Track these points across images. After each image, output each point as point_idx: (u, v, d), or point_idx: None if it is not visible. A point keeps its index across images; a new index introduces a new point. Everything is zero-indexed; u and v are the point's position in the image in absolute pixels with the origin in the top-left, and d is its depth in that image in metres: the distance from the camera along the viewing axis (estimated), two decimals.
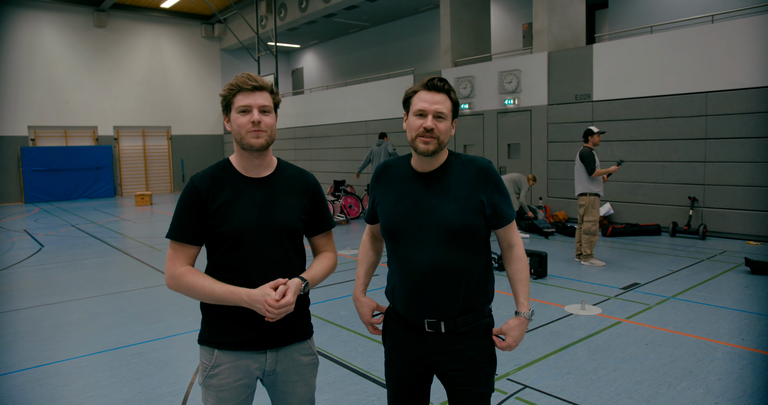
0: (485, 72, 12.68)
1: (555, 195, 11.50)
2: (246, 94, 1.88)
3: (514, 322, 1.98)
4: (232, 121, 1.92)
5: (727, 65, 8.91)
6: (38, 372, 4.07)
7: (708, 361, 4.00)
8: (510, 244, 2.03)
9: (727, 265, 7.16)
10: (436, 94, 1.90)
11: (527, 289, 2.01)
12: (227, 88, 1.92)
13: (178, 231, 1.91)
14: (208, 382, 1.93)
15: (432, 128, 1.88)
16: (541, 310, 5.38)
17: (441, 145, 1.90)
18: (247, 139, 1.89)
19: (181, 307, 5.64)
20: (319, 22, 19.28)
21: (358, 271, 2.21)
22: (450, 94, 1.92)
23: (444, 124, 1.90)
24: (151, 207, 16.72)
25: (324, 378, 3.79)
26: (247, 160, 1.96)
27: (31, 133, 19.02)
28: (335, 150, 17.88)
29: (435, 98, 1.89)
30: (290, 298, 1.84)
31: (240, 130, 1.89)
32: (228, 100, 1.92)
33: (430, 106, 1.89)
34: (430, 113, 1.88)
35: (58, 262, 8.29)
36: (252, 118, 1.87)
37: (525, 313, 1.98)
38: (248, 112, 1.89)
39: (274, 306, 1.79)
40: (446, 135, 1.91)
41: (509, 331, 1.98)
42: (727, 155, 9.01)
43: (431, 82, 1.90)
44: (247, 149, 1.91)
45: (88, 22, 20.02)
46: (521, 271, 2.01)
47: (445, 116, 1.89)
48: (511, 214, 1.99)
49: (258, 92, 1.90)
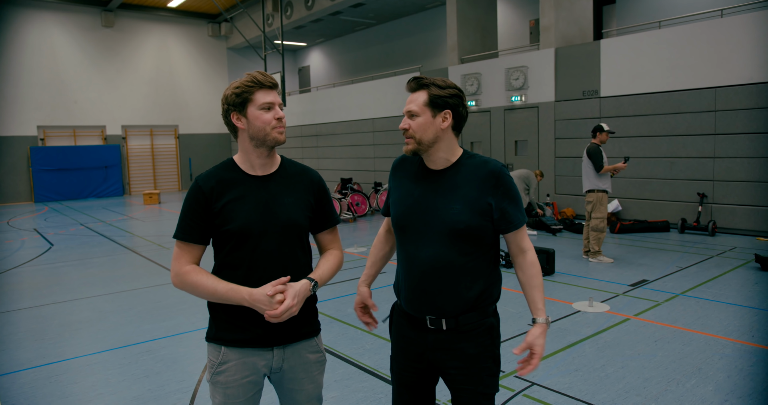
0: (492, 69, 12.63)
1: (562, 192, 11.45)
2: (267, 91, 1.92)
3: (536, 331, 1.90)
4: (252, 117, 1.90)
5: (736, 60, 8.83)
6: (48, 370, 4.10)
7: (717, 359, 3.98)
8: (521, 250, 1.97)
9: (736, 261, 7.10)
10: (412, 93, 1.94)
11: (542, 294, 1.95)
12: (245, 83, 1.90)
13: (184, 231, 1.92)
14: (216, 379, 1.94)
15: (406, 128, 1.92)
16: (549, 307, 5.36)
17: (421, 143, 1.90)
18: (272, 135, 1.92)
19: (189, 304, 5.67)
20: (325, 20, 19.28)
21: (368, 262, 2.25)
22: (429, 89, 1.90)
23: (417, 121, 1.90)
24: (159, 205, 16.81)
25: (331, 375, 3.80)
26: (256, 157, 1.96)
27: (40, 132, 19.17)
28: (342, 148, 17.88)
29: (411, 98, 1.93)
30: (290, 301, 1.84)
31: (265, 126, 1.91)
32: (244, 96, 1.90)
33: (406, 106, 1.94)
34: (405, 113, 1.93)
35: (67, 261, 8.35)
36: (277, 115, 1.92)
37: (542, 320, 1.92)
38: (272, 109, 1.92)
39: (275, 315, 1.81)
40: (423, 132, 1.89)
41: (534, 341, 1.88)
42: (736, 151, 8.93)
43: (407, 84, 1.95)
44: (269, 145, 1.94)
45: (96, 22, 20.12)
46: (535, 277, 1.95)
47: (417, 112, 1.90)
48: (521, 219, 1.94)
49: (275, 90, 1.95)
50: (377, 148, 16.34)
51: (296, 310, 1.87)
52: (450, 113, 1.91)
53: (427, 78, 1.92)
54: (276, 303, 1.82)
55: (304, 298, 1.90)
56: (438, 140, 1.91)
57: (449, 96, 1.90)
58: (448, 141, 1.93)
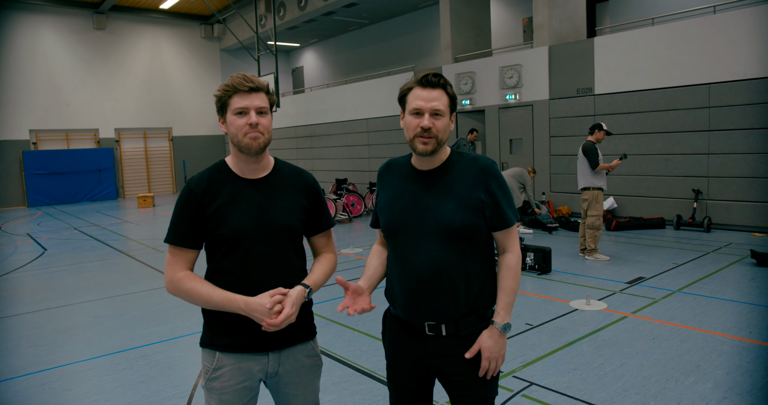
0: (486, 67, 12.62)
1: (558, 190, 11.45)
2: (242, 95, 1.83)
3: (485, 335, 1.85)
4: (228, 123, 1.87)
5: (729, 56, 8.85)
6: (42, 376, 4.05)
7: (716, 355, 3.97)
8: (505, 250, 1.92)
9: (732, 257, 7.11)
10: (431, 90, 1.82)
11: (510, 298, 1.86)
12: (222, 88, 1.86)
13: (176, 235, 1.89)
14: (210, 385, 1.91)
15: (429, 127, 1.80)
16: (545, 306, 5.35)
17: (440, 143, 1.84)
18: (244, 142, 1.85)
19: (184, 309, 5.62)
20: (318, 21, 19.22)
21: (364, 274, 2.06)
22: (447, 89, 1.84)
23: (441, 122, 1.83)
24: (154, 209, 16.73)
25: (328, 378, 3.77)
26: (244, 161, 1.93)
27: (32, 136, 19.05)
28: (337, 148, 17.84)
29: (431, 95, 1.81)
30: (288, 310, 1.81)
31: (237, 132, 1.85)
32: (223, 101, 1.87)
33: (426, 103, 1.80)
34: (426, 111, 1.80)
35: (61, 266, 8.29)
36: (249, 121, 1.83)
37: (498, 323, 1.84)
38: (245, 114, 1.84)
39: (274, 324, 1.78)
40: (445, 132, 1.84)
41: (483, 344, 1.83)
42: (730, 147, 8.95)
43: (426, 78, 1.82)
44: (245, 152, 1.88)
45: (88, 24, 20.00)
46: (506, 279, 1.88)
47: (442, 113, 1.82)
48: (512, 218, 1.89)
49: (254, 93, 1.85)
50: (372, 149, 16.31)
51: (294, 318, 1.84)
52: (455, 116, 1.91)
53: (443, 77, 1.85)
54: (274, 313, 1.79)
55: (300, 305, 1.88)
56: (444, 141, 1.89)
57: (456, 98, 1.90)
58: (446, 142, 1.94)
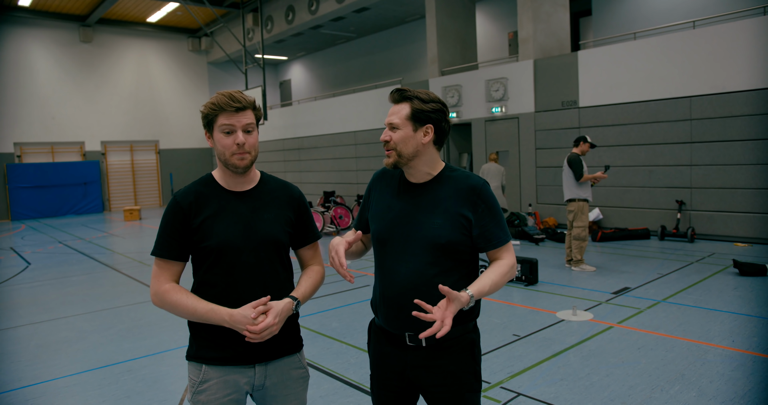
0: (472, 80, 12.76)
1: (544, 201, 11.55)
2: (229, 114, 1.85)
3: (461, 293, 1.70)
4: (215, 140, 1.89)
5: (710, 70, 9.03)
6: (25, 393, 3.99)
7: (700, 364, 4.01)
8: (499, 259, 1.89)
9: (715, 267, 7.20)
10: (395, 105, 1.90)
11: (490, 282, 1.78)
12: (209, 107, 1.86)
13: (162, 248, 1.90)
14: (197, 399, 1.90)
15: (387, 140, 1.88)
16: (532, 316, 5.37)
17: (401, 155, 1.87)
18: (231, 161, 1.87)
19: (171, 322, 5.57)
20: (306, 34, 19.34)
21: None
22: (411, 101, 1.87)
23: (399, 134, 1.86)
24: (140, 222, 16.59)
25: (316, 391, 3.75)
26: (231, 176, 1.95)
27: (17, 149, 18.85)
28: (325, 161, 17.86)
29: (393, 109, 1.90)
30: (271, 319, 1.81)
31: (224, 151, 1.87)
32: (210, 118, 1.88)
33: (387, 118, 1.90)
34: (386, 126, 1.90)
35: (45, 280, 8.18)
36: (237, 140, 1.85)
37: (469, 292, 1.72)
38: (232, 133, 1.86)
39: (254, 331, 1.78)
40: (404, 144, 1.86)
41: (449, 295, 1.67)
42: (712, 158, 9.11)
43: (390, 95, 1.92)
44: (232, 170, 1.91)
45: (74, 37, 19.93)
46: (493, 270, 1.83)
47: (398, 125, 1.87)
48: (503, 238, 1.87)
49: (241, 112, 1.86)
50: (359, 161, 16.35)
51: (276, 329, 1.84)
52: (432, 128, 1.88)
53: (411, 90, 1.89)
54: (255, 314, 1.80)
55: (285, 317, 1.88)
56: (418, 154, 1.88)
57: (432, 111, 1.87)
58: (429, 155, 1.91)
